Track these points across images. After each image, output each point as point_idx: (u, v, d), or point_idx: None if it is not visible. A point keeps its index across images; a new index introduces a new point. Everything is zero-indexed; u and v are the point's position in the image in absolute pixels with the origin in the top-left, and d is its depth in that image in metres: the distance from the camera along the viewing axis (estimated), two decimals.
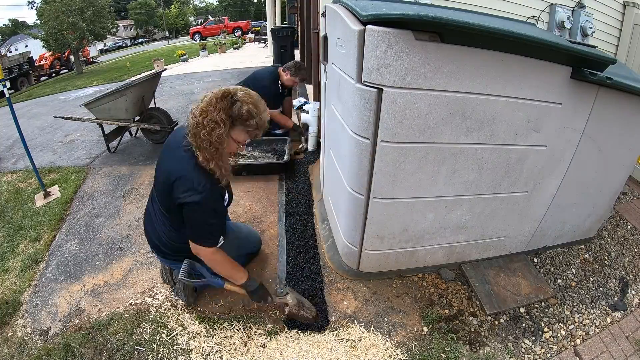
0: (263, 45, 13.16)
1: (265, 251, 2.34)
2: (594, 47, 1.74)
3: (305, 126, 3.74)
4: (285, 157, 3.26)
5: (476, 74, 1.45)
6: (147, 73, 7.58)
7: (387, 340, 1.77)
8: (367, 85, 1.46)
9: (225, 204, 1.70)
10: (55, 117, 4.50)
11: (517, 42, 1.37)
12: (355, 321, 1.87)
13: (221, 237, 1.74)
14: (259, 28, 17.52)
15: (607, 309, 1.97)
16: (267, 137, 3.55)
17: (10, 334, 1.95)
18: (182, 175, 1.46)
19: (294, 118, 4.06)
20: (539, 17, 3.67)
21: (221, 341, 1.77)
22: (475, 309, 1.94)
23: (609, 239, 2.47)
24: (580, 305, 1.98)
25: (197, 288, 1.97)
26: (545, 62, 1.48)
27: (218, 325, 1.85)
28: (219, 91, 1.42)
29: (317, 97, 3.65)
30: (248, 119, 1.42)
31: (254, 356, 1.70)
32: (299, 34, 8.00)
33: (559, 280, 2.14)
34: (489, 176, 1.77)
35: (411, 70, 1.39)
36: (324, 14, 2.19)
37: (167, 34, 36.60)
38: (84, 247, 2.54)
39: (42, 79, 16.06)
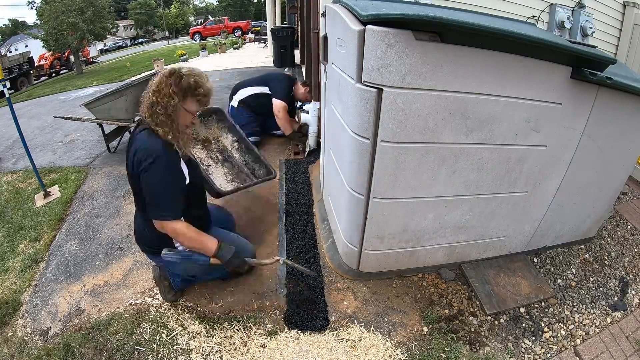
0: (263, 45, 13.15)
1: (265, 251, 2.34)
2: (594, 47, 1.74)
3: (305, 126, 3.74)
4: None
5: (476, 74, 1.45)
6: (147, 73, 7.58)
7: (387, 340, 1.77)
8: (367, 85, 1.46)
9: (188, 180, 1.68)
10: (55, 117, 4.50)
11: (517, 42, 1.37)
12: (355, 321, 1.87)
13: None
14: (259, 28, 17.50)
15: (607, 309, 1.97)
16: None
17: (10, 334, 1.95)
18: (139, 147, 1.56)
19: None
20: (539, 17, 3.67)
21: (221, 341, 1.77)
22: (475, 309, 1.94)
23: (609, 239, 2.47)
24: (580, 305, 1.98)
25: (177, 286, 1.96)
26: (545, 62, 1.48)
27: (218, 325, 1.85)
28: (165, 70, 1.56)
29: (317, 97, 3.64)
30: (196, 87, 1.56)
31: (254, 356, 1.70)
32: (299, 34, 8.00)
33: (559, 280, 2.14)
34: (489, 176, 1.77)
35: (411, 70, 1.39)
36: (324, 14, 2.19)
37: (167, 34, 36.58)
38: (84, 247, 2.54)
39: (42, 78, 16.06)
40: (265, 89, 3.46)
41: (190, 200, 1.71)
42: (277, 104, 3.41)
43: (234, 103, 3.56)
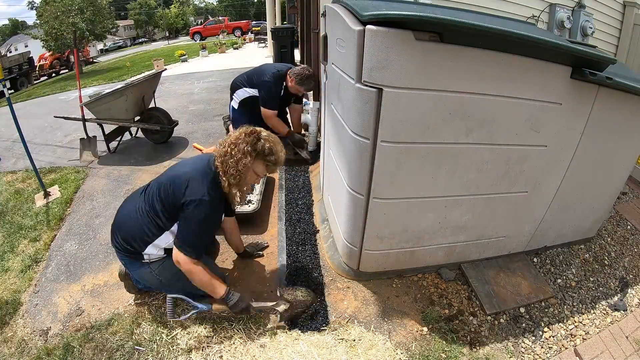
0: (263, 45, 13.16)
1: (265, 251, 2.34)
2: (594, 47, 1.74)
3: (305, 126, 3.74)
4: (253, 205, 2.62)
5: (476, 74, 1.45)
6: (147, 73, 7.58)
7: (387, 340, 1.77)
8: (367, 85, 1.46)
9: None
10: (55, 117, 4.50)
11: (517, 42, 1.37)
12: (355, 321, 1.87)
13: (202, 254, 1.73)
14: (259, 28, 17.50)
15: (607, 309, 1.97)
16: None
17: (10, 334, 1.95)
18: (194, 177, 1.62)
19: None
20: (539, 17, 3.67)
21: (221, 341, 1.77)
22: (475, 309, 1.94)
23: (609, 239, 2.47)
24: (580, 305, 1.98)
25: (139, 287, 1.99)
26: (545, 62, 1.48)
27: (218, 325, 1.85)
28: (247, 128, 1.68)
29: (317, 97, 3.65)
30: (269, 154, 1.66)
31: (254, 356, 1.70)
32: (299, 34, 8.00)
33: (559, 280, 2.14)
34: (489, 176, 1.77)
35: (411, 70, 1.39)
36: (324, 14, 2.19)
37: (167, 34, 36.57)
38: (84, 247, 2.54)
39: (41, 78, 16.05)
40: (256, 92, 3.27)
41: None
42: (264, 113, 3.25)
43: (235, 104, 3.54)
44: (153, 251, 1.71)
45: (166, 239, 1.69)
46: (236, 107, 3.46)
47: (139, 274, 1.79)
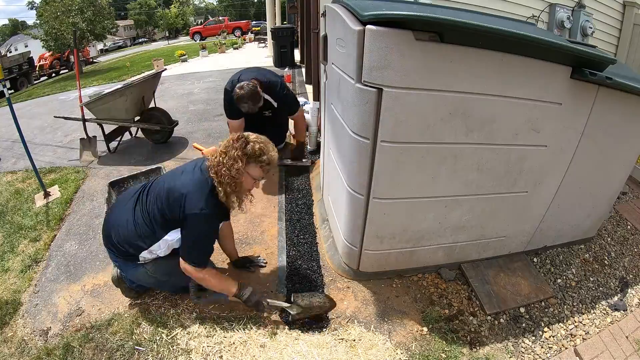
0: (263, 45, 13.15)
1: (265, 251, 2.34)
2: (594, 47, 1.74)
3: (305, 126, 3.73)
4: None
5: (476, 74, 1.45)
6: (147, 73, 7.58)
7: (387, 340, 1.77)
8: (367, 85, 1.46)
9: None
10: (55, 117, 4.50)
11: (517, 42, 1.37)
12: (355, 321, 1.87)
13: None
14: (259, 28, 17.52)
15: (607, 308, 1.97)
16: None
17: (10, 334, 1.95)
18: (193, 192, 1.61)
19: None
20: (539, 17, 3.67)
21: (221, 341, 1.77)
22: (475, 309, 1.94)
23: (609, 239, 2.47)
24: (580, 305, 1.98)
25: (134, 289, 2.01)
26: (545, 62, 1.48)
27: (218, 325, 1.85)
28: (234, 134, 1.67)
29: (317, 97, 3.65)
30: (260, 155, 1.64)
31: (254, 356, 1.70)
32: (299, 34, 8.00)
33: (559, 280, 2.14)
34: (489, 176, 1.77)
35: (411, 70, 1.39)
36: (324, 14, 2.20)
37: (167, 34, 36.57)
38: (84, 247, 2.54)
39: (41, 78, 16.05)
40: None
41: None
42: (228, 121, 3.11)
43: None
44: (148, 255, 1.74)
45: (160, 246, 1.72)
46: None
47: (134, 274, 1.82)
